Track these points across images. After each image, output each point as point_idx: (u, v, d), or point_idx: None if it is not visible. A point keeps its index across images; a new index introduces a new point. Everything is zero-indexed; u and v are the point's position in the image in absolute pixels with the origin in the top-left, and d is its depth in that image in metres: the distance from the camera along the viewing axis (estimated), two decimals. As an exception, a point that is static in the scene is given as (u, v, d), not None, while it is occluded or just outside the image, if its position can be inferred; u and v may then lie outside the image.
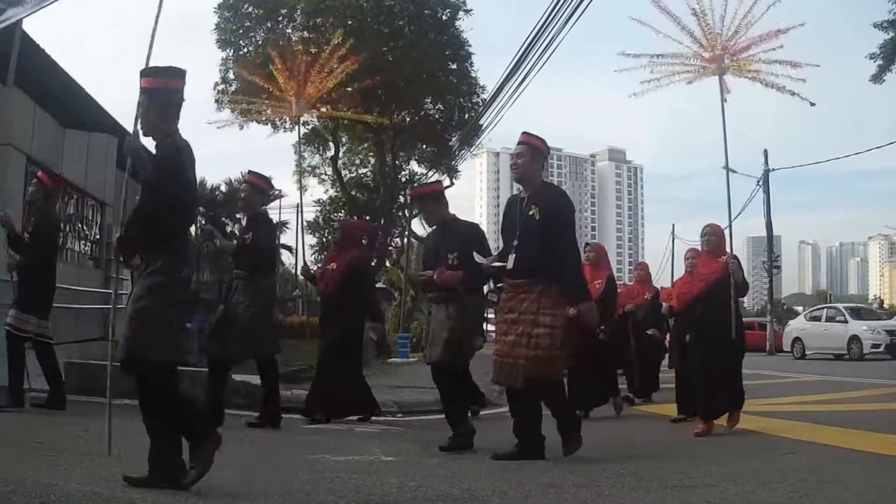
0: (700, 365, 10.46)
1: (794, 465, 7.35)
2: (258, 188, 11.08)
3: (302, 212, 16.82)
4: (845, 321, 36.32)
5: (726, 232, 11.16)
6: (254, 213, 11.07)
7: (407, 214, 41.78)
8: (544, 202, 8.12)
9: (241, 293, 10.32)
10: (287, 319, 37.01)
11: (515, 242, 8.07)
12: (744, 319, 13.06)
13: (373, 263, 11.78)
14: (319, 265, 24.16)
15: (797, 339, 38.81)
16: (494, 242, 10.19)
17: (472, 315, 9.19)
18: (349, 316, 11.26)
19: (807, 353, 37.06)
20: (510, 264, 8.04)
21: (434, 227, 9.98)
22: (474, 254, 8.75)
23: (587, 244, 13.57)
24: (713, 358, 10.21)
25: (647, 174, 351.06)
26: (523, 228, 8.04)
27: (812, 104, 11.44)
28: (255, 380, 13.42)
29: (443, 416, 9.25)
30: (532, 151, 8.37)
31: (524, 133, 8.49)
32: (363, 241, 12.41)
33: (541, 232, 7.92)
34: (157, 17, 6.78)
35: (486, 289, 9.83)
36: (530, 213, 8.06)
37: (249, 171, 11.49)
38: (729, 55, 11.46)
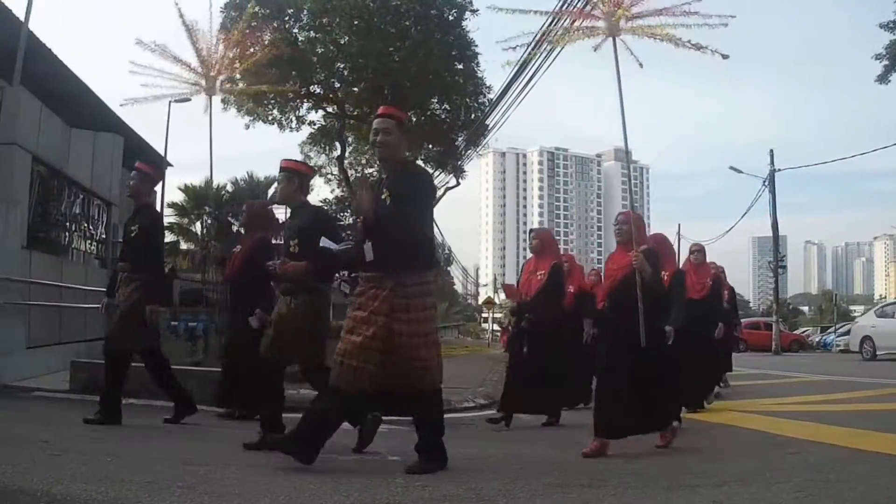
0: (607, 376, 8.98)
1: (800, 464, 7.34)
2: (146, 176, 10.60)
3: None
4: (927, 316, 32.76)
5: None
6: (140, 204, 10.55)
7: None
8: (396, 185, 7.30)
9: (124, 286, 10.07)
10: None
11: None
12: (750, 319, 13.02)
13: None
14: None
15: (867, 338, 34.60)
16: (498, 244, 10.17)
17: (315, 313, 8.40)
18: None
19: (878, 353, 33.29)
20: (368, 255, 7.24)
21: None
22: (322, 239, 8.16)
23: (531, 230, 12.98)
24: (625, 368, 8.66)
25: (653, 173, 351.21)
26: (376, 215, 7.22)
27: (725, 56, 10.48)
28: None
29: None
30: (398, 126, 7.56)
31: (385, 105, 7.80)
32: (271, 224, 12.02)
33: (391, 219, 7.10)
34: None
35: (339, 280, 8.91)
36: (382, 196, 7.30)
37: (138, 162, 11.02)
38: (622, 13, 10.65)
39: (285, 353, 8.37)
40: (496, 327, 71.68)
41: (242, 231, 12.70)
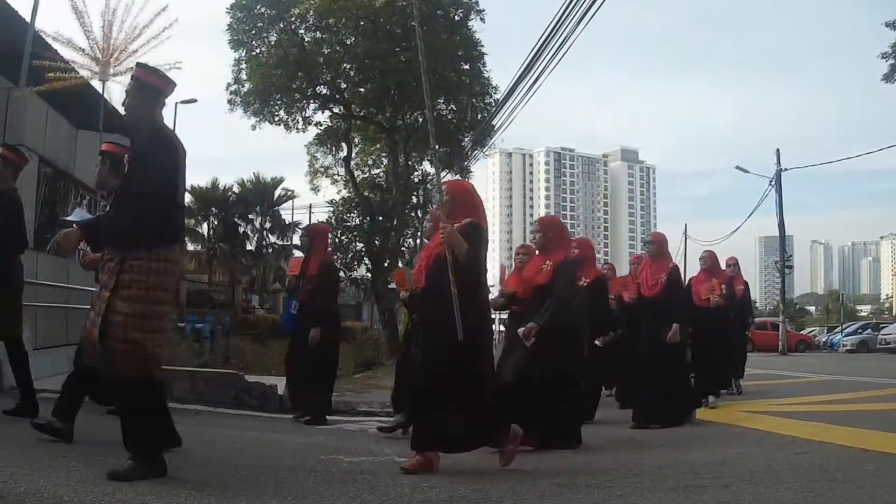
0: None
1: (807, 464, 7.33)
2: (9, 161, 10.19)
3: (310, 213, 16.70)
4: None
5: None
6: (2, 189, 10.11)
7: (420, 215, 41.79)
8: (134, 153, 6.69)
9: None
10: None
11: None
12: (757, 319, 12.98)
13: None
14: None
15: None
16: (505, 244, 10.21)
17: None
18: None
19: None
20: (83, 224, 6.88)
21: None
22: (75, 213, 7.83)
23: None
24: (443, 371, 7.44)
25: (660, 172, 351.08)
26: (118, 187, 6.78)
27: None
28: (267, 380, 13.49)
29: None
30: (141, 89, 6.54)
31: (136, 66, 6.96)
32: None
33: (125, 188, 6.49)
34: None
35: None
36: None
37: (3, 145, 10.71)
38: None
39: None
40: (502, 328, 71.38)
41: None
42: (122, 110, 7.05)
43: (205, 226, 54.61)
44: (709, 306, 13.14)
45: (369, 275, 39.27)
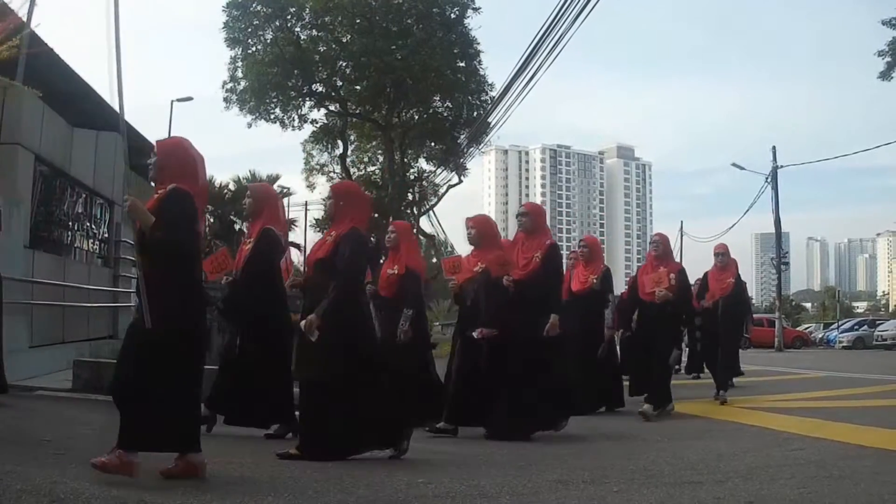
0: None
1: (803, 460, 7.35)
2: None
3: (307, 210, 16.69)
4: None
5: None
6: None
7: (416, 212, 41.83)
8: None
9: None
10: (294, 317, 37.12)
11: None
12: (754, 315, 12.72)
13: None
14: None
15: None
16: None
17: None
18: None
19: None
20: None
21: None
22: None
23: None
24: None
25: (657, 170, 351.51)
26: None
27: None
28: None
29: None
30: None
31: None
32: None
33: None
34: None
35: None
36: None
37: None
38: None
39: None
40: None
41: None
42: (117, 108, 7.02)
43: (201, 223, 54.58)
44: (653, 301, 11.58)
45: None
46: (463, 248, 10.73)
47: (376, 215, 36.73)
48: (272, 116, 38.79)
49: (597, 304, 12.59)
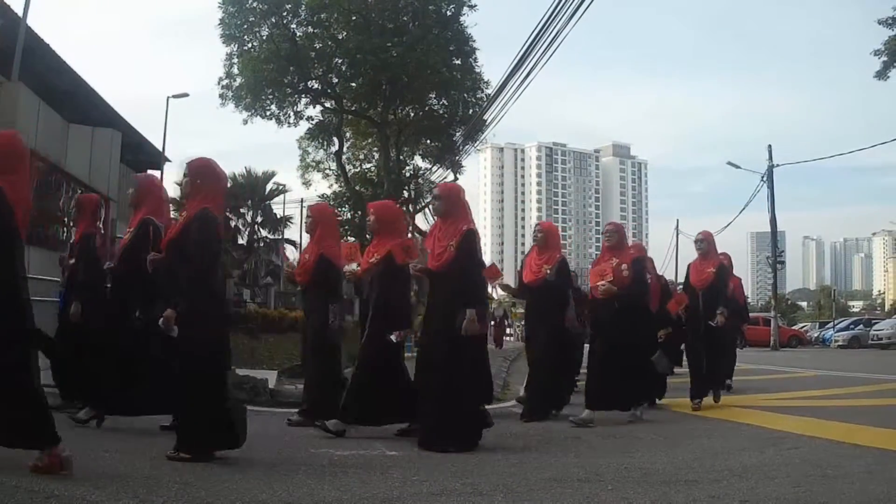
0: None
1: (798, 459, 7.35)
2: None
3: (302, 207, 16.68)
4: None
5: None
6: None
7: (412, 209, 41.85)
8: None
9: None
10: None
11: None
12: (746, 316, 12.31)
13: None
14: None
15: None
16: (496, 239, 10.15)
17: None
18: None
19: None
20: None
21: None
22: None
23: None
24: None
25: (653, 168, 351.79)
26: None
27: None
28: (258, 374, 13.48)
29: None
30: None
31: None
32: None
33: None
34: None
35: None
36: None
37: None
38: None
39: None
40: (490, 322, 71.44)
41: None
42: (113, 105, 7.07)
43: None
44: (597, 296, 10.81)
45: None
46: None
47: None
48: (268, 113, 38.78)
49: (554, 297, 11.23)
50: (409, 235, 43.09)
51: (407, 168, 43.24)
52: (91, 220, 10.36)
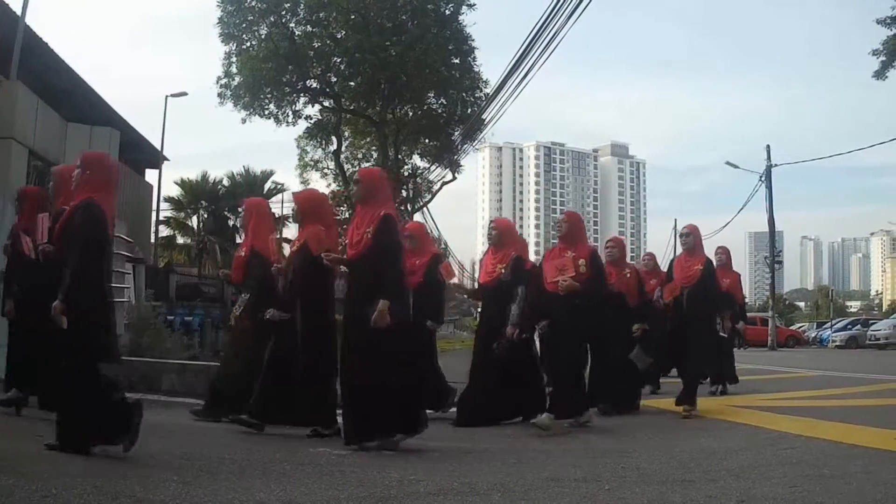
0: None
1: (795, 459, 7.36)
2: None
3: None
4: None
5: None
6: None
7: (410, 209, 41.84)
8: None
9: None
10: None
11: None
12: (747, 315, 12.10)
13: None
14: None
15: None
16: (483, 240, 10.10)
17: None
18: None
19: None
20: None
21: None
22: None
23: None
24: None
25: (652, 168, 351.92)
26: None
27: None
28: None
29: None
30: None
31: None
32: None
33: None
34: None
35: None
36: None
37: None
38: None
39: None
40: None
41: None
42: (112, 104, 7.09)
43: (194, 219, 54.43)
44: (556, 291, 9.87)
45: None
46: (460, 246, 10.39)
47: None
48: (266, 112, 38.76)
49: (510, 298, 10.48)
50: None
51: (405, 167, 43.24)
52: (30, 215, 10.10)
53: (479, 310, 11.74)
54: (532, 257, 11.84)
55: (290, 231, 57.89)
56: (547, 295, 10.01)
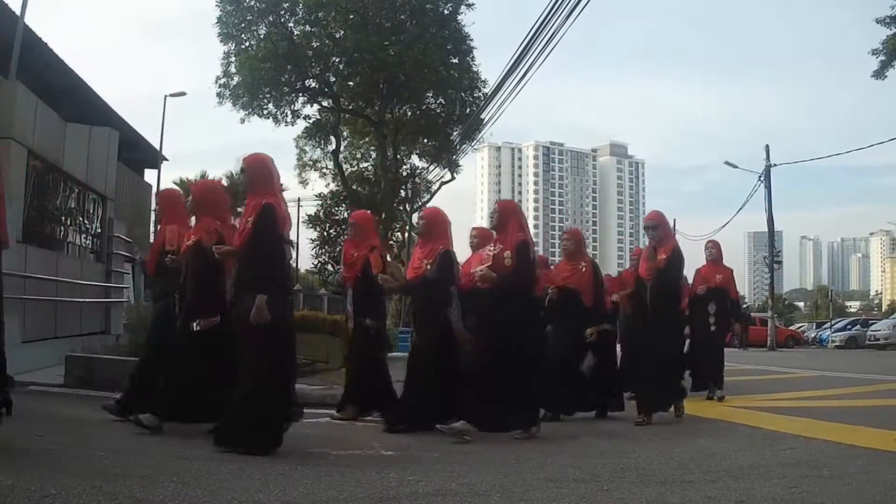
0: None
1: (794, 460, 7.36)
2: None
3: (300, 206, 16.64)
4: None
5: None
6: None
7: (408, 209, 41.84)
8: None
9: None
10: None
11: None
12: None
13: None
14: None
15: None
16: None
17: None
18: None
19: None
20: None
21: None
22: None
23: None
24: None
25: (651, 168, 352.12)
26: None
27: None
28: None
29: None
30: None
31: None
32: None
33: None
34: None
35: None
36: None
37: None
38: None
39: None
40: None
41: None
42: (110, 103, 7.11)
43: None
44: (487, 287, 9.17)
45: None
46: (459, 245, 9.87)
47: (369, 212, 36.78)
48: (265, 112, 38.71)
49: (435, 295, 9.82)
50: (405, 235, 43.01)
51: (404, 167, 43.22)
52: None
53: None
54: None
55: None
56: (473, 291, 9.48)
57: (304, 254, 52.88)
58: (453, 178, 43.62)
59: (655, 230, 11.05)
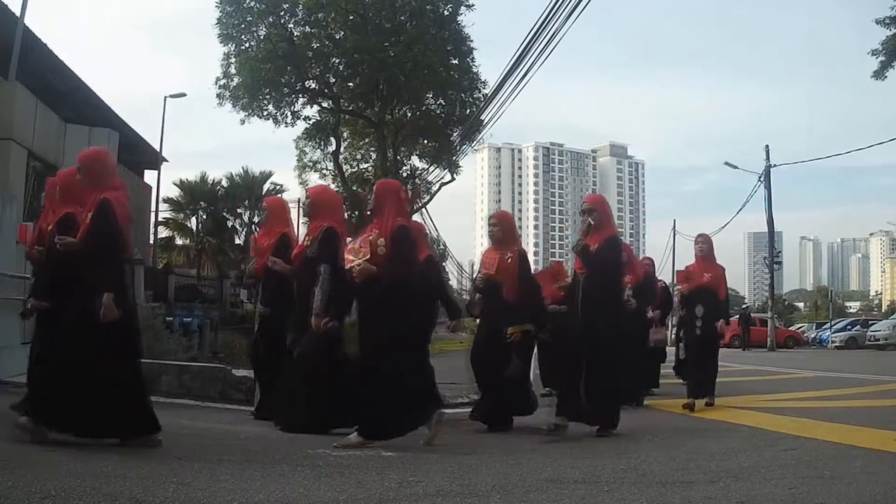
0: None
1: (795, 460, 7.34)
2: None
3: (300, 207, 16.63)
4: None
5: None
6: None
7: (408, 209, 41.92)
8: None
9: None
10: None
11: None
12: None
13: None
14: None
15: None
16: (482, 241, 10.03)
17: None
18: None
19: None
20: None
21: None
22: None
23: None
24: None
25: (651, 168, 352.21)
26: None
27: None
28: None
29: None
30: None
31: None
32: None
33: None
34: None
35: None
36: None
37: None
38: None
39: None
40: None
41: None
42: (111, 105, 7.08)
43: (193, 220, 54.52)
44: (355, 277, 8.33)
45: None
46: (458, 246, 9.83)
47: (369, 212, 36.75)
48: (265, 113, 38.83)
49: (311, 277, 9.02)
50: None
51: (404, 168, 43.27)
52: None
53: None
54: (531, 257, 11.58)
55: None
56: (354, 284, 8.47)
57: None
58: (453, 179, 43.73)
59: (591, 214, 9.74)
